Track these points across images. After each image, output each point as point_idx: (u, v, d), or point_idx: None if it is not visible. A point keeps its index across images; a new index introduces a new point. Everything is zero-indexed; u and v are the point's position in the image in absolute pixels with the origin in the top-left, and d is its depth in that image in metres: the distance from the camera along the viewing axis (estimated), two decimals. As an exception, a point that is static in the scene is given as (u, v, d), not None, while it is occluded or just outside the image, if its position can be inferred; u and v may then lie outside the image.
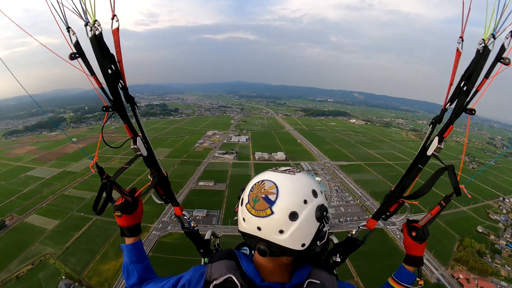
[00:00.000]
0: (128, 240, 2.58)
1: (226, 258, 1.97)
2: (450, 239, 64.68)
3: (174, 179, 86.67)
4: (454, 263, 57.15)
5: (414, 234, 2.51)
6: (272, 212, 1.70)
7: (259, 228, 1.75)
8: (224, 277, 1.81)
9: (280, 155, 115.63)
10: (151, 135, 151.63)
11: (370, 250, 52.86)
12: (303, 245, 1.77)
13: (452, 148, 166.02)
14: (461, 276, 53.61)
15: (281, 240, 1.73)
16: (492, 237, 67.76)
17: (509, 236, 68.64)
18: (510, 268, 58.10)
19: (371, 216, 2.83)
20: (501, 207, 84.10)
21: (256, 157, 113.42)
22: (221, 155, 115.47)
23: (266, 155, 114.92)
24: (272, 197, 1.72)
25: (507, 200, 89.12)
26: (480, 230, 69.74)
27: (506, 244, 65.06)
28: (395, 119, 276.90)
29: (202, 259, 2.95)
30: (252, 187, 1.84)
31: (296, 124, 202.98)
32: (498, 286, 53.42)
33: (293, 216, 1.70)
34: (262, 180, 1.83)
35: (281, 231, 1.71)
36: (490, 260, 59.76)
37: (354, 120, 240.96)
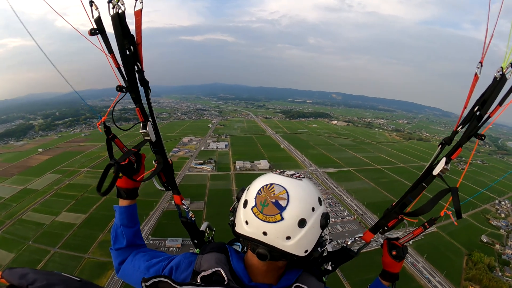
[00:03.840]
0: (123, 202, 2.48)
1: (217, 251, 1.98)
2: (458, 254, 60.91)
3: (144, 197, 74.75)
4: (467, 284, 52.95)
5: (394, 253, 2.57)
6: (282, 218, 1.67)
7: (264, 233, 1.71)
8: (213, 270, 1.81)
9: (264, 164, 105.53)
10: (123, 142, 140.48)
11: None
12: (306, 251, 1.79)
13: (435, 148, 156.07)
14: None
15: (287, 246, 1.72)
16: (497, 246, 66.05)
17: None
18: None
19: (368, 228, 2.77)
20: (499, 211, 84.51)
21: (237, 166, 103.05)
22: (198, 166, 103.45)
23: (248, 164, 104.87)
24: (282, 203, 1.70)
25: (503, 202, 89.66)
26: (485, 240, 67.48)
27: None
28: (375, 119, 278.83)
29: (195, 249, 2.89)
30: (260, 190, 1.79)
31: (277, 127, 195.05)
32: None
33: (302, 223, 1.71)
34: (271, 184, 1.80)
35: (288, 238, 1.70)
36: (500, 273, 57.42)
37: (335, 122, 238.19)
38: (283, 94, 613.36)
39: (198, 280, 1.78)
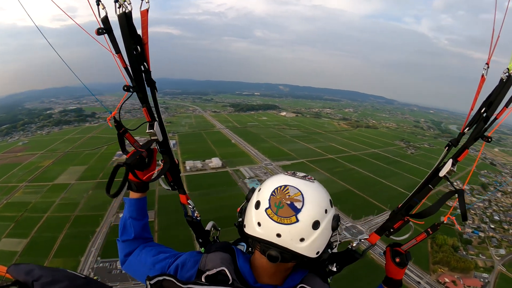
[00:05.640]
0: (133, 195, 2.50)
1: (222, 250, 2.00)
2: (410, 235, 60.60)
3: (87, 212, 66.05)
4: (436, 267, 54.25)
5: (398, 260, 2.61)
6: (297, 220, 1.69)
7: (278, 235, 1.72)
8: (217, 269, 1.82)
9: (216, 162, 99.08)
10: (63, 148, 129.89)
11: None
12: (317, 253, 1.80)
13: (383, 134, 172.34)
14: (446, 279, 51.23)
15: (300, 248, 1.73)
16: (457, 226, 66.11)
17: (471, 222, 71.09)
18: (484, 257, 59.10)
19: (374, 230, 2.83)
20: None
21: (187, 167, 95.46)
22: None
23: (199, 164, 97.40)
24: (298, 205, 1.72)
25: (455, 183, 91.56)
26: (444, 221, 67.74)
27: (472, 232, 66.48)
28: (322, 109, 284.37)
29: (199, 248, 2.95)
30: (274, 192, 1.81)
31: (227, 122, 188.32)
32: (482, 280, 52.81)
33: (316, 225, 1.73)
34: (285, 186, 1.81)
35: (302, 239, 1.71)
36: (464, 253, 59.65)
37: (284, 113, 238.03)
38: (231, 87, 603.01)
39: (203, 279, 1.78)
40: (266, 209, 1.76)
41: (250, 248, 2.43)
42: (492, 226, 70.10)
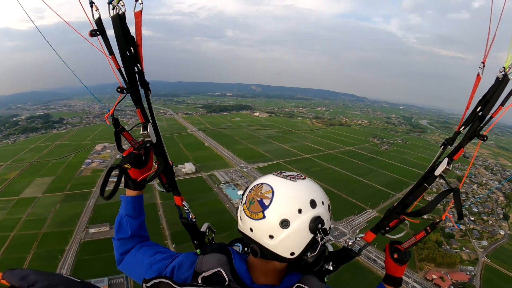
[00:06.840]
0: (130, 193, 2.47)
1: (218, 252, 2.01)
2: (405, 235, 61.15)
3: (56, 228, 60.28)
4: (423, 265, 53.95)
5: (396, 256, 2.62)
6: (264, 216, 1.73)
7: (251, 230, 1.81)
8: (214, 271, 1.84)
9: (189, 167, 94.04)
10: (29, 158, 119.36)
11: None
12: (292, 253, 1.78)
13: (356, 131, 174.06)
14: (434, 276, 51.16)
15: (270, 245, 1.76)
16: (453, 225, 68.58)
17: (451, 215, 71.30)
18: (468, 250, 59.99)
19: (369, 229, 2.82)
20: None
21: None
22: (114, 178, 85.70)
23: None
24: (266, 202, 1.75)
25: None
26: (426, 217, 68.38)
27: (453, 225, 66.59)
28: (295, 108, 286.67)
29: (195, 250, 2.75)
30: (251, 189, 1.89)
31: (199, 124, 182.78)
32: (468, 273, 53.26)
33: (284, 224, 1.71)
34: (262, 183, 1.86)
35: (270, 236, 1.74)
36: (448, 247, 59.98)
37: (258, 113, 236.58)
38: (202, 88, 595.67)
39: (199, 281, 1.80)
40: (243, 204, 1.87)
41: (246, 249, 2.37)
42: (472, 218, 71.36)
